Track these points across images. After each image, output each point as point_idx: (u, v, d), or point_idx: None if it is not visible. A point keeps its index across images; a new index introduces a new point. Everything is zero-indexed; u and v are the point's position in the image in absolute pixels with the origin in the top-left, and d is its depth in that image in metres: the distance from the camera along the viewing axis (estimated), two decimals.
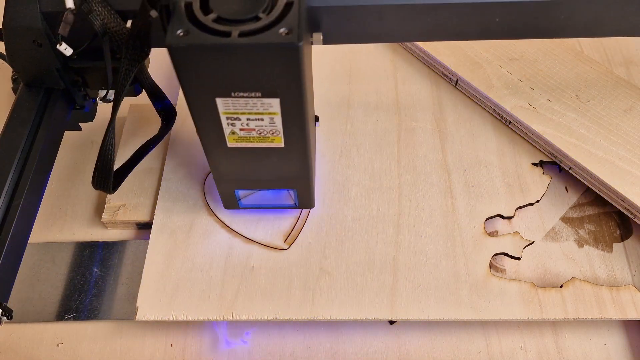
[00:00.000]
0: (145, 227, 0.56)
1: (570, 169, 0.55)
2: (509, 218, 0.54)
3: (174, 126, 0.60)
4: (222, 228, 0.53)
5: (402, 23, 0.43)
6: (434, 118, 0.61)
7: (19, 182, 0.44)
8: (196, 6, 0.35)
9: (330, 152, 0.58)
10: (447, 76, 0.64)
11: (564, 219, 0.54)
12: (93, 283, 0.53)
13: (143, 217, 0.55)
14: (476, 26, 0.43)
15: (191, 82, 0.37)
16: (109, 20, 0.40)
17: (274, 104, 0.38)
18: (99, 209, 0.58)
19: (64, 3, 0.41)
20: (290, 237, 0.53)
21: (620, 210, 0.52)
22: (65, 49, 0.42)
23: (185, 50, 0.34)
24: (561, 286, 0.50)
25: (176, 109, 0.53)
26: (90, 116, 0.53)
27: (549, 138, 0.55)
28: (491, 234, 0.53)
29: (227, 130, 0.40)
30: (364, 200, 0.55)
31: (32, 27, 0.42)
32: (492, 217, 0.54)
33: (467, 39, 0.45)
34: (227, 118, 0.39)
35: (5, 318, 0.42)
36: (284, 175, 0.46)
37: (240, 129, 0.40)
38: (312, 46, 0.42)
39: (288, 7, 0.35)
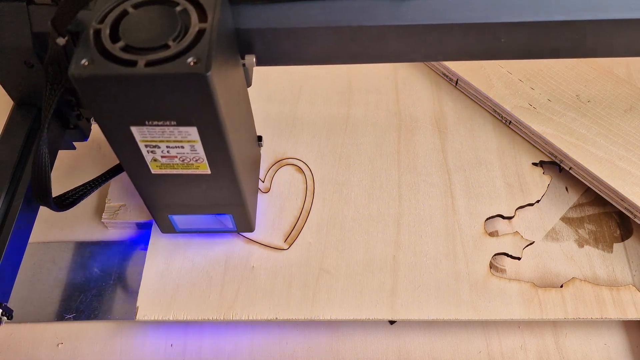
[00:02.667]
0: (145, 227, 0.56)
1: (570, 169, 0.55)
2: (509, 218, 0.54)
3: None
4: None
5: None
6: (434, 118, 0.61)
7: (10, 206, 0.43)
8: (105, 33, 0.34)
9: (330, 152, 0.58)
10: (447, 76, 0.64)
11: (564, 219, 0.54)
12: (93, 283, 0.53)
13: (143, 217, 0.55)
14: (480, 47, 0.42)
15: (102, 112, 0.35)
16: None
17: (192, 132, 0.36)
18: (99, 209, 0.58)
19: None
20: (290, 237, 0.53)
21: (620, 210, 0.52)
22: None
23: (90, 81, 0.32)
24: (561, 286, 0.50)
25: None
26: (84, 135, 0.51)
27: (549, 138, 0.55)
28: (491, 234, 0.53)
29: (147, 157, 0.39)
30: (364, 200, 0.55)
31: (23, 48, 0.41)
32: (492, 217, 0.54)
33: (471, 59, 0.44)
34: (146, 146, 0.38)
35: (5, 318, 0.42)
36: (216, 201, 0.45)
37: (162, 156, 0.39)
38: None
39: (200, 34, 0.34)
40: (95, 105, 0.35)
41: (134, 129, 0.36)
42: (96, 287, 0.53)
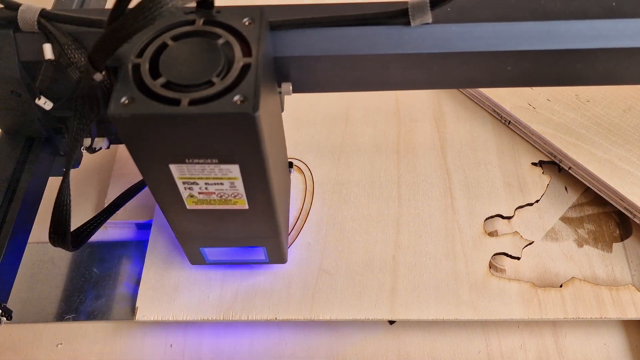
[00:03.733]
0: (145, 227, 0.56)
1: (569, 168, 0.55)
2: (509, 218, 0.54)
3: None
4: None
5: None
6: (434, 118, 0.61)
7: (9, 206, 0.43)
8: (144, 68, 0.32)
9: (330, 152, 0.58)
10: None
11: (564, 219, 0.54)
12: (93, 283, 0.53)
13: (143, 217, 0.55)
14: (485, 75, 0.41)
15: (140, 150, 0.33)
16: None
17: (233, 169, 0.35)
18: (99, 209, 0.58)
19: (42, 53, 0.38)
20: (290, 237, 0.53)
21: (619, 210, 0.52)
22: (45, 103, 0.39)
23: (130, 120, 0.31)
24: (561, 286, 0.50)
25: None
26: (75, 162, 0.50)
27: (548, 138, 0.55)
28: (491, 234, 0.53)
29: (184, 194, 0.37)
30: (364, 200, 0.55)
31: (10, 77, 0.39)
32: (491, 217, 0.54)
33: (475, 87, 0.44)
34: (184, 183, 0.36)
35: (5, 318, 0.42)
36: (250, 234, 0.44)
37: (199, 193, 0.37)
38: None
39: (245, 70, 0.32)
40: (133, 143, 0.33)
41: (173, 167, 0.34)
42: (96, 288, 0.53)
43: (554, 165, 0.57)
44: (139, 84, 0.31)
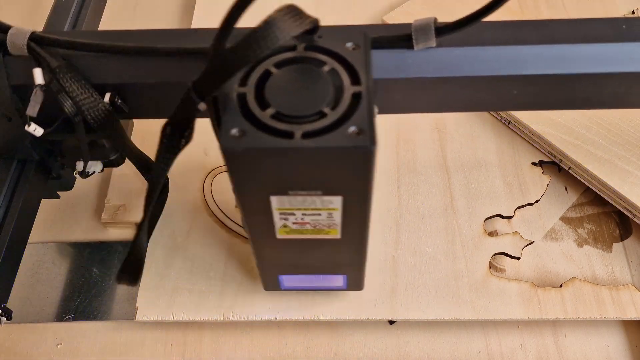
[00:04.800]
0: None
1: (569, 168, 0.55)
2: (509, 218, 0.54)
3: None
4: (222, 228, 0.53)
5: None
6: (433, 118, 0.61)
7: (9, 206, 0.43)
8: (251, 98, 0.31)
9: None
10: None
11: (564, 219, 0.54)
12: (93, 283, 0.53)
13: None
14: (491, 98, 0.40)
15: (245, 182, 0.32)
16: (84, 96, 0.36)
17: (335, 201, 0.33)
18: (99, 209, 0.58)
19: (33, 78, 0.37)
20: None
21: (619, 210, 0.52)
22: (35, 130, 0.38)
23: (242, 154, 0.29)
24: (561, 286, 0.50)
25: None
26: (69, 185, 0.49)
27: (548, 138, 0.55)
28: (491, 234, 0.53)
29: (278, 224, 0.36)
30: None
31: (0, 101, 0.38)
32: (491, 216, 0.54)
33: (480, 110, 0.42)
34: (281, 214, 0.35)
35: (4, 318, 0.42)
36: (336, 262, 0.43)
37: (294, 223, 0.36)
38: None
39: (356, 99, 0.31)
40: (239, 176, 0.32)
41: (274, 198, 0.33)
42: (96, 288, 0.53)
43: (554, 165, 0.57)
44: (247, 115, 0.30)
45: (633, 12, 0.67)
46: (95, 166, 0.44)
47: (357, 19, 0.68)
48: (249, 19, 0.30)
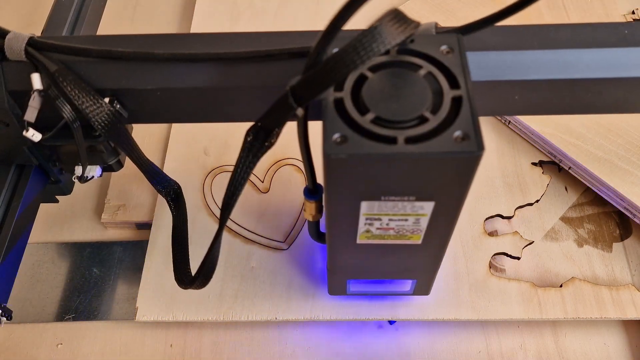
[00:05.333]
0: (145, 227, 0.56)
1: (569, 168, 0.55)
2: (509, 218, 0.54)
3: (173, 126, 0.61)
4: None
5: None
6: None
7: (9, 206, 0.43)
8: (349, 104, 0.30)
9: None
10: None
11: (564, 219, 0.54)
12: (93, 283, 0.53)
13: (143, 217, 0.55)
14: (492, 104, 0.39)
15: (341, 188, 0.32)
16: (85, 100, 0.35)
17: (427, 207, 0.33)
18: (99, 209, 0.58)
19: (31, 83, 0.36)
20: (290, 237, 0.53)
21: (619, 210, 0.52)
22: (33, 135, 0.37)
23: (347, 161, 0.29)
24: (561, 286, 0.50)
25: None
26: (67, 189, 0.49)
27: (548, 138, 0.55)
28: (491, 234, 0.53)
29: (361, 229, 0.35)
30: None
31: None
32: (491, 216, 0.54)
33: (480, 115, 0.42)
34: (367, 219, 0.34)
35: (5, 318, 0.42)
36: (409, 267, 0.42)
37: (377, 229, 0.35)
38: None
39: (456, 103, 0.30)
40: (337, 182, 0.31)
41: (365, 204, 0.33)
42: (95, 288, 0.53)
43: (554, 165, 0.57)
44: (347, 121, 0.30)
45: (633, 12, 0.67)
46: (94, 171, 0.44)
47: (357, 19, 0.67)
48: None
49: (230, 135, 0.59)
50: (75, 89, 0.35)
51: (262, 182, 0.56)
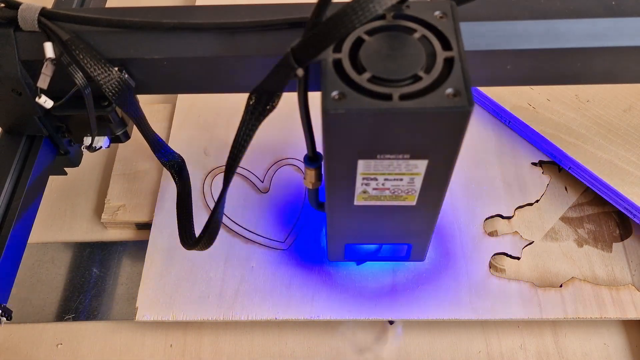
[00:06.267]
0: (145, 227, 0.56)
1: (569, 168, 0.55)
2: (509, 218, 0.54)
3: (173, 126, 0.61)
4: (222, 228, 0.53)
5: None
6: None
7: (9, 206, 0.43)
8: (347, 64, 0.32)
9: None
10: None
11: (564, 219, 0.54)
12: (92, 283, 0.53)
13: (143, 217, 0.55)
14: (485, 73, 0.41)
15: (338, 145, 0.33)
16: (96, 68, 0.37)
17: (420, 165, 0.34)
18: (99, 209, 0.58)
19: (43, 52, 0.38)
20: (290, 237, 0.53)
21: (619, 210, 0.52)
22: (45, 102, 0.39)
23: (344, 116, 0.30)
24: (561, 286, 0.50)
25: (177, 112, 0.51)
26: (76, 161, 0.50)
27: (548, 138, 0.55)
28: (491, 234, 0.53)
29: (359, 189, 0.37)
30: None
31: (10, 76, 0.39)
32: (491, 216, 0.54)
33: (476, 85, 0.43)
34: (364, 178, 0.35)
35: (4, 319, 0.42)
36: (405, 231, 0.43)
37: (374, 189, 0.37)
38: None
39: (449, 63, 0.32)
40: (335, 139, 0.32)
41: (362, 162, 0.34)
42: (95, 288, 0.53)
43: (554, 165, 0.57)
44: (345, 80, 0.31)
45: None
46: (102, 141, 0.45)
47: None
48: None
49: (230, 136, 0.59)
50: (87, 57, 0.37)
51: (262, 182, 0.56)
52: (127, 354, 0.50)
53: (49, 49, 0.38)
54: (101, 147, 0.45)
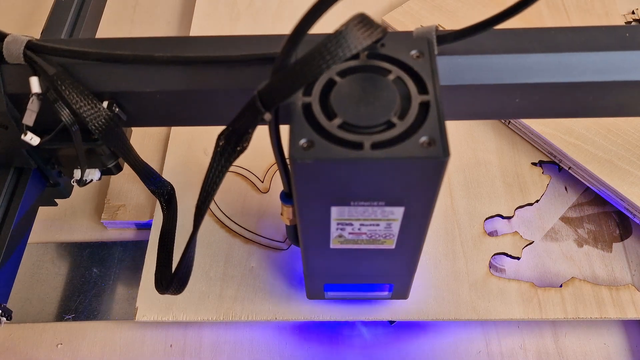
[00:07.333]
0: (145, 227, 0.56)
1: (569, 168, 0.55)
2: (509, 218, 0.54)
3: (173, 127, 0.61)
4: (222, 228, 0.53)
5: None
6: None
7: (9, 206, 0.43)
8: (316, 108, 0.30)
9: None
10: None
11: (564, 219, 0.54)
12: (92, 283, 0.53)
13: (143, 217, 0.55)
14: (493, 106, 0.39)
15: (308, 192, 0.32)
16: (83, 104, 0.35)
17: (397, 212, 0.33)
18: (99, 209, 0.58)
19: (29, 86, 0.36)
20: None
21: (619, 210, 0.52)
22: (31, 139, 0.37)
23: (313, 166, 0.29)
24: (561, 286, 0.50)
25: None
26: (67, 192, 0.49)
27: (548, 138, 0.55)
28: (491, 234, 0.53)
29: (334, 234, 0.36)
30: None
31: None
32: (491, 217, 0.54)
33: (480, 119, 0.41)
34: (338, 224, 0.34)
35: (4, 318, 0.42)
36: (385, 271, 0.42)
37: (350, 233, 0.35)
38: None
39: (424, 108, 0.30)
40: (304, 187, 0.31)
41: (335, 209, 0.33)
42: (95, 288, 0.53)
43: (554, 165, 0.57)
44: (314, 126, 0.30)
45: (633, 12, 0.67)
46: (93, 174, 0.43)
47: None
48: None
49: None
50: (74, 93, 0.35)
51: (262, 182, 0.56)
52: (127, 354, 0.50)
53: (34, 84, 0.36)
54: (92, 180, 0.43)
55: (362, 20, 0.28)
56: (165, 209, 0.45)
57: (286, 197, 0.39)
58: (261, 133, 0.35)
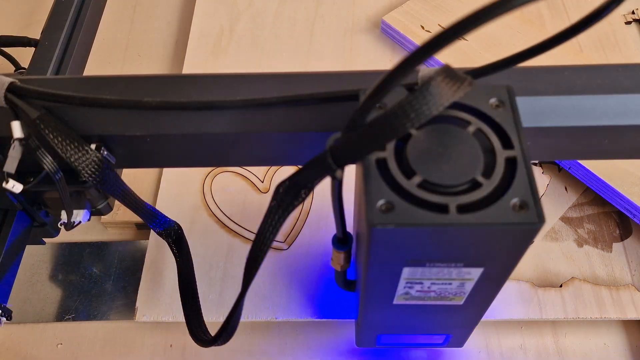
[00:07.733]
0: (145, 227, 0.56)
1: (569, 168, 0.55)
2: None
3: None
4: (222, 228, 0.53)
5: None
6: None
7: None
8: (393, 165, 0.27)
9: None
10: None
11: (564, 219, 0.54)
12: (93, 283, 0.53)
13: None
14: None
15: (384, 256, 0.29)
16: (69, 148, 0.33)
17: (474, 272, 0.30)
18: None
19: (11, 131, 0.34)
20: (290, 237, 0.53)
21: (619, 210, 0.52)
22: (13, 187, 0.35)
23: (395, 231, 0.26)
24: (561, 286, 0.50)
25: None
26: (54, 232, 0.46)
27: None
28: None
29: (400, 291, 0.33)
30: None
31: None
32: None
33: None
34: (407, 282, 0.31)
35: (4, 318, 0.42)
36: (447, 324, 0.40)
37: (417, 291, 0.33)
38: None
39: (510, 165, 0.27)
40: (380, 251, 0.28)
41: (407, 269, 0.30)
42: (95, 288, 0.53)
43: (554, 165, 0.57)
44: (391, 184, 0.27)
45: (633, 12, 0.67)
46: (81, 216, 0.41)
47: (357, 19, 0.68)
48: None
49: None
50: (59, 137, 0.33)
51: (262, 182, 0.56)
52: (127, 354, 0.50)
53: (16, 129, 0.34)
54: (80, 222, 0.41)
55: (449, 74, 0.25)
56: (176, 253, 0.43)
57: (339, 242, 0.36)
58: None
